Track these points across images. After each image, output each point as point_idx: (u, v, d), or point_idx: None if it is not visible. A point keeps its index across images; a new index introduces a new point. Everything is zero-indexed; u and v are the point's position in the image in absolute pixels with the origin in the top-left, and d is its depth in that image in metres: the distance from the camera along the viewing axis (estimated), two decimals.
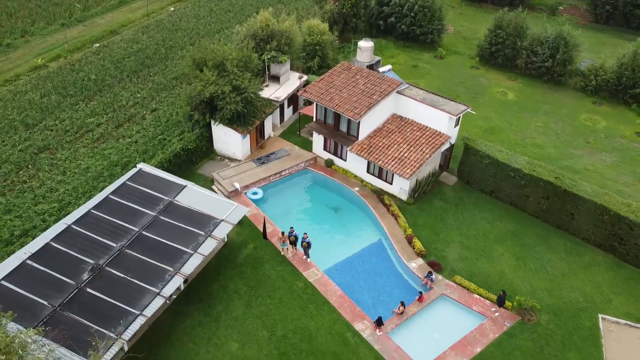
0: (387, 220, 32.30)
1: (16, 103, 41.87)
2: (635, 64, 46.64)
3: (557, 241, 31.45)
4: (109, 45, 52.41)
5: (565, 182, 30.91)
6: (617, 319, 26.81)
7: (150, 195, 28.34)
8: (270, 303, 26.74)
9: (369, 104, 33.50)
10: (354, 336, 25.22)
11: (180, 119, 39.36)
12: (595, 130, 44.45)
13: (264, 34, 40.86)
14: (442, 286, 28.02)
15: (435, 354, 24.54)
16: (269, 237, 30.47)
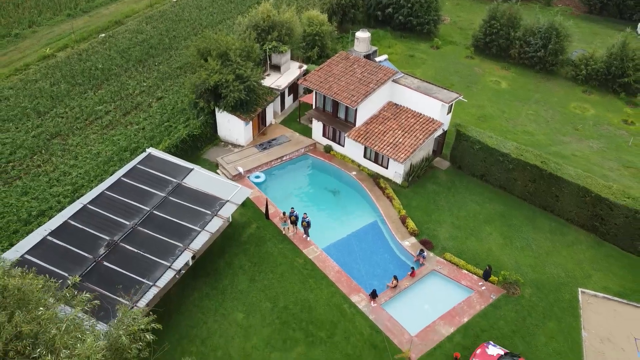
0: (383, 202, 34.19)
1: (27, 91, 43.56)
2: (623, 54, 48.18)
3: (543, 221, 33.36)
4: (114, 36, 53.95)
5: (551, 166, 32.75)
6: (596, 293, 28.79)
7: (159, 178, 30.19)
8: (272, 277, 28.70)
9: (366, 91, 35.23)
10: (350, 307, 27.21)
11: (185, 107, 41.08)
12: (584, 118, 46.15)
13: (265, 25, 42.40)
14: (433, 262, 29.98)
15: (425, 324, 26.53)
16: (271, 217, 32.37)
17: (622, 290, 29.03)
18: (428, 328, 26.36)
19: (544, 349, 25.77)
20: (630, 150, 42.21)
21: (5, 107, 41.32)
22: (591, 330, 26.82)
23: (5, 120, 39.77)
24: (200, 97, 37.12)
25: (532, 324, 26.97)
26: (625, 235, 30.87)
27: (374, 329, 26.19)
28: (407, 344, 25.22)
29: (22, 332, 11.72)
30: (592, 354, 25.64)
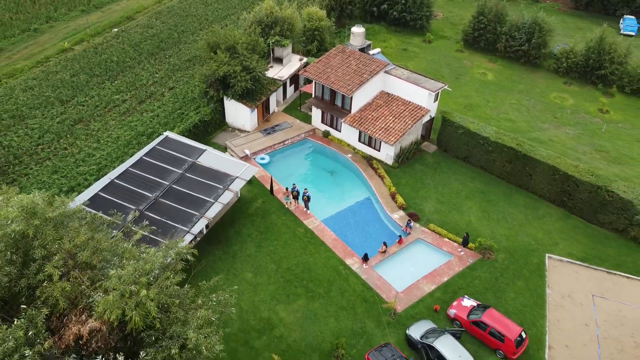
0: (375, 180, 38.09)
1: (49, 82, 47.33)
2: (600, 48, 51.87)
3: (518, 197, 37.29)
4: (127, 30, 57.67)
5: (525, 148, 36.62)
6: (561, 258, 32.75)
7: (176, 157, 34.06)
8: (276, 244, 32.65)
9: (360, 81, 39.05)
10: (345, 269, 31.17)
11: (196, 96, 44.90)
12: (563, 107, 49.94)
13: (269, 21, 46.12)
14: (418, 232, 33.92)
15: (410, 282, 30.49)
16: (275, 193, 36.28)
17: (584, 256, 32.99)
18: (412, 286, 30.33)
19: (512, 302, 29.76)
20: (603, 136, 46.02)
21: (31, 96, 45.10)
22: (554, 288, 30.80)
23: (32, 107, 43.56)
24: (210, 86, 40.93)
25: (503, 283, 30.95)
26: (590, 208, 34.79)
27: (365, 286, 30.16)
28: (394, 298, 29.19)
29: (102, 246, 15.56)
30: (554, 307, 29.62)
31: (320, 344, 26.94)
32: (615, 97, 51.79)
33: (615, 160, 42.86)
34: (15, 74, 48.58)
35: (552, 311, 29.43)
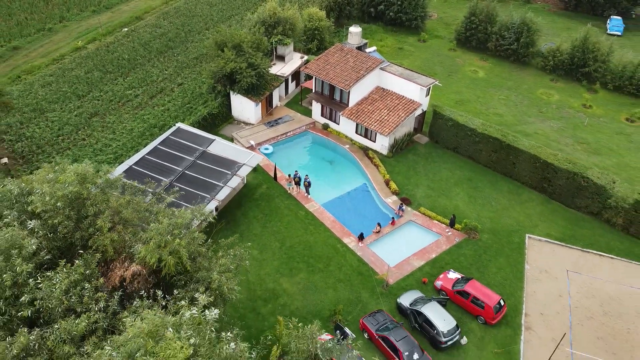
0: (371, 169, 41.18)
1: (66, 78, 50.40)
2: (585, 47, 54.95)
3: (502, 184, 40.38)
4: (136, 30, 60.73)
5: (509, 138, 39.71)
6: (540, 237, 35.84)
7: (188, 146, 37.14)
8: (280, 225, 35.74)
9: (357, 77, 42.13)
10: (343, 246, 34.27)
11: (203, 92, 48.01)
12: (549, 103, 53.00)
13: (272, 21, 49.17)
14: (410, 215, 37.01)
15: (401, 259, 33.58)
16: (279, 180, 39.36)
17: (561, 236, 36.08)
18: (403, 261, 33.43)
19: (494, 276, 32.86)
20: (585, 129, 49.11)
21: (49, 91, 48.17)
22: (533, 264, 33.90)
23: (51, 102, 46.63)
24: (218, 81, 44.01)
25: (486, 259, 34.05)
26: (567, 193, 37.90)
27: (361, 261, 33.26)
28: (386, 271, 32.27)
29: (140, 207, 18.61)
30: (532, 280, 32.72)
31: (320, 311, 30.01)
32: (599, 93, 54.85)
33: (595, 151, 45.95)
34: (33, 70, 51.61)
35: (529, 284, 32.52)
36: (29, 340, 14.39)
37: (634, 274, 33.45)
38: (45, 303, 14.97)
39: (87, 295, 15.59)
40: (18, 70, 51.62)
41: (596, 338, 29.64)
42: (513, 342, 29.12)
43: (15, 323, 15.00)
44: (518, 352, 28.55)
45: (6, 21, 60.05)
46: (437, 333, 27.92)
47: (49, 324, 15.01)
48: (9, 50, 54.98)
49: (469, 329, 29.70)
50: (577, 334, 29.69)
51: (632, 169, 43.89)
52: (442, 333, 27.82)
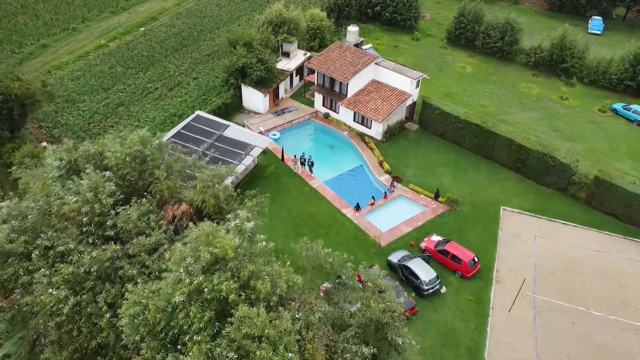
0: (367, 152, 46.56)
1: (92, 73, 55.82)
2: (563, 44, 60.29)
3: (483, 166, 45.70)
4: (153, 29, 66.11)
5: (488, 124, 45.08)
6: (513, 209, 41.19)
7: (206, 130, 42.55)
8: (287, 198, 41.12)
9: (355, 71, 47.53)
10: (341, 216, 39.65)
11: (216, 85, 53.42)
12: (530, 95, 58.34)
13: (278, 21, 54.57)
14: (400, 190, 42.40)
15: (392, 226, 38.95)
16: (285, 161, 44.74)
17: (532, 209, 41.42)
18: (394, 228, 38.82)
19: (472, 241, 38.19)
20: (561, 118, 54.45)
21: (78, 84, 53.59)
22: (505, 231, 39.28)
23: (80, 94, 52.06)
24: (230, 75, 49.43)
25: (465, 227, 39.43)
26: (538, 172, 43.25)
27: (357, 228, 38.66)
28: (379, 234, 37.67)
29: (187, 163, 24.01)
30: (504, 244, 38.08)
31: None
32: (576, 86, 60.19)
33: (568, 138, 51.33)
34: (62, 66, 57.02)
35: (502, 247, 37.91)
36: (115, 250, 19.74)
37: (592, 239, 38.84)
38: (124, 226, 20.27)
39: (153, 222, 20.96)
40: (48, 66, 57.02)
41: (556, 289, 35.02)
42: (484, 291, 34.53)
43: (102, 241, 20.30)
44: (488, 299, 33.95)
45: (33, 22, 65.40)
46: (421, 282, 33.32)
47: (125, 243, 20.34)
48: (38, 48, 60.36)
49: (448, 282, 35.10)
50: (540, 286, 35.08)
51: (599, 152, 49.28)
52: (424, 282, 33.22)
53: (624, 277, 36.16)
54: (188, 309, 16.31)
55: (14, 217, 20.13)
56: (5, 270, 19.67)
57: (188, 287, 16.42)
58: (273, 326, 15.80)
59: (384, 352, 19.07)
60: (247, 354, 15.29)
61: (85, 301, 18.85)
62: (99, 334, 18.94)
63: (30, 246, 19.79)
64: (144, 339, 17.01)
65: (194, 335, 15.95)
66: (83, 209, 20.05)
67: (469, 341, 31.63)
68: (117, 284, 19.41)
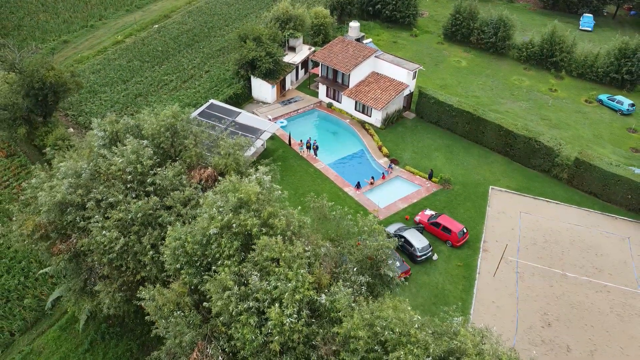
0: (367, 138, 50.43)
1: (111, 67, 59.88)
2: (552, 40, 64.04)
3: (474, 150, 49.50)
4: (166, 26, 70.17)
5: (479, 112, 48.88)
6: (501, 188, 44.99)
7: (220, 117, 46.50)
8: (294, 178, 45.02)
9: (356, 63, 51.42)
10: (343, 194, 43.51)
11: (227, 77, 57.39)
12: (520, 87, 62.10)
13: (285, 18, 58.48)
14: (397, 171, 46.24)
15: (389, 202, 42.80)
16: (292, 145, 48.65)
17: (518, 188, 45.20)
18: (391, 204, 42.66)
19: (462, 215, 42.00)
20: (549, 108, 58.18)
21: (99, 77, 57.66)
22: (493, 207, 43.08)
23: (102, 85, 56.13)
24: (241, 67, 53.39)
25: (456, 203, 43.26)
26: (524, 155, 47.01)
27: (358, 204, 42.51)
28: (377, 209, 41.53)
29: (212, 136, 28.00)
30: (491, 218, 41.88)
31: None
32: (564, 79, 63.96)
33: (555, 126, 55.10)
34: (83, 60, 61.11)
35: (489, 220, 41.71)
36: (156, 201, 23.63)
37: (572, 215, 42.59)
38: (162, 183, 24.12)
39: (185, 180, 24.83)
40: (70, 60, 61.12)
41: (537, 257, 38.81)
42: (472, 258, 38.34)
43: (143, 195, 24.18)
44: (475, 265, 37.77)
45: (54, 19, 69.56)
46: (414, 250, 37.17)
47: (162, 197, 24.23)
48: (60, 44, 64.47)
49: (439, 250, 38.94)
50: (522, 254, 38.88)
51: (583, 139, 53.03)
52: (417, 249, 37.07)
53: (600, 247, 39.91)
54: (220, 240, 20.22)
55: (70, 175, 24.04)
56: (64, 218, 23.64)
57: (220, 222, 20.31)
58: (288, 250, 19.67)
59: (378, 287, 22.89)
60: (267, 272, 19.18)
61: (132, 242, 22.80)
62: (143, 269, 22.92)
63: (84, 198, 23.68)
64: (183, 267, 20.93)
65: (225, 260, 19.84)
66: (127, 169, 23.96)
67: (458, 300, 35.40)
68: (157, 228, 23.35)
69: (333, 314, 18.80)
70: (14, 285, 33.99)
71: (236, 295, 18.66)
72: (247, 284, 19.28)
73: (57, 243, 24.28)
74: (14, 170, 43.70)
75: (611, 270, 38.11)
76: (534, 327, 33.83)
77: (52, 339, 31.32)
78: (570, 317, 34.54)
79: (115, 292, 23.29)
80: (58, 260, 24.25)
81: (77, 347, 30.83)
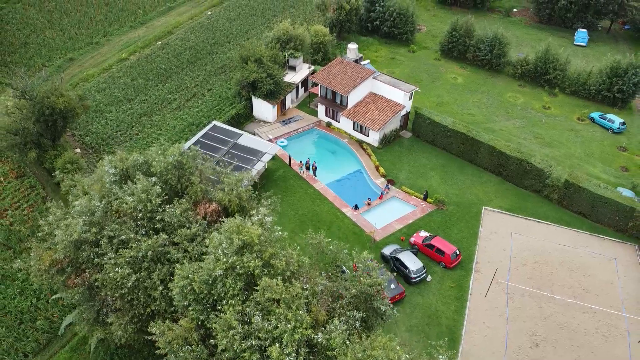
0: (364, 158, 52.06)
1: (116, 85, 61.51)
2: (546, 57, 65.65)
3: (468, 169, 51.13)
4: (169, 43, 71.75)
5: (473, 133, 50.50)
6: (493, 209, 46.62)
7: (223, 139, 48.14)
8: (294, 199, 46.66)
9: (354, 84, 53.05)
10: (341, 214, 45.14)
11: (229, 96, 59.04)
12: (515, 104, 63.73)
13: (285, 38, 60.13)
14: (394, 192, 47.88)
15: (386, 223, 44.43)
16: (292, 166, 50.29)
17: (510, 208, 46.84)
18: (387, 225, 44.30)
19: (455, 236, 43.65)
20: (543, 126, 59.82)
21: (104, 95, 59.29)
22: (486, 227, 44.70)
23: (107, 104, 57.77)
24: (243, 88, 55.05)
25: (450, 224, 44.90)
26: (517, 176, 48.64)
27: (355, 225, 44.16)
28: (374, 230, 43.17)
29: (215, 170, 29.54)
30: (483, 239, 43.52)
31: None
32: (558, 96, 65.57)
33: (547, 144, 56.72)
34: (88, 78, 62.74)
35: (482, 241, 43.35)
36: (164, 238, 25.31)
37: (561, 235, 44.22)
38: (170, 220, 25.82)
39: (191, 217, 26.51)
40: (76, 78, 62.75)
41: (527, 278, 40.44)
42: (465, 279, 39.99)
43: (153, 232, 25.87)
44: (468, 286, 39.41)
45: (60, 36, 71.16)
46: (409, 272, 38.80)
47: (170, 233, 25.93)
48: (66, 62, 66.10)
49: (433, 271, 40.56)
50: (513, 275, 40.52)
51: (575, 158, 54.67)
52: (412, 271, 38.71)
53: (588, 268, 41.55)
54: (225, 281, 21.87)
55: (84, 213, 25.70)
56: (80, 254, 25.31)
57: (225, 264, 21.96)
58: (288, 292, 21.30)
59: (372, 319, 24.53)
60: (268, 312, 20.82)
61: (143, 277, 24.44)
62: (153, 303, 24.57)
63: (98, 235, 25.36)
64: (191, 304, 22.57)
65: (229, 300, 21.50)
66: (138, 207, 25.61)
67: (450, 321, 37.09)
68: (166, 264, 25.00)
69: (329, 352, 20.49)
70: (27, 307, 35.69)
71: (240, 334, 20.34)
72: (250, 323, 20.95)
73: (72, 277, 26.01)
74: (23, 191, 45.37)
75: (598, 291, 39.72)
76: (522, 347, 35.47)
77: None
78: (557, 337, 36.16)
79: (126, 324, 24.97)
80: (73, 293, 25.99)
81: None
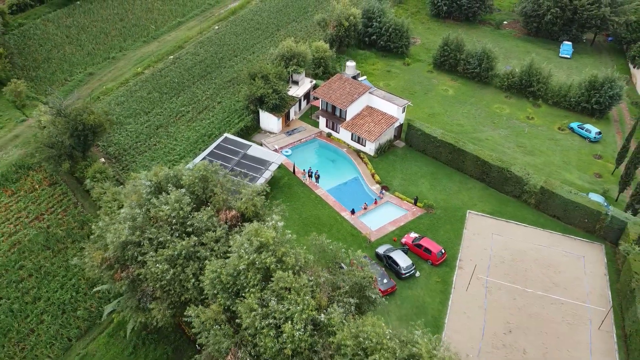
0: (361, 166, 57.48)
1: (133, 98, 66.92)
2: (530, 71, 71.02)
3: (455, 177, 56.50)
4: (180, 57, 77.12)
5: (459, 144, 55.89)
6: (477, 212, 51.99)
7: (234, 150, 53.58)
8: (298, 204, 52.07)
9: (352, 99, 58.47)
10: (340, 218, 50.53)
11: (237, 108, 64.48)
12: (501, 115, 69.06)
13: (289, 55, 65.56)
14: (388, 197, 53.28)
15: (380, 225, 49.81)
16: (296, 173, 55.70)
17: (492, 212, 52.20)
18: (381, 227, 49.69)
19: (442, 237, 49.02)
20: (525, 136, 65.14)
21: (123, 108, 64.71)
22: (469, 229, 50.08)
23: (127, 116, 63.20)
24: (250, 102, 60.51)
25: (437, 226, 50.29)
26: (499, 182, 54.02)
27: (353, 227, 49.56)
28: (369, 232, 48.59)
29: (235, 182, 35.04)
30: (467, 240, 48.90)
31: None
32: (542, 107, 70.92)
33: (529, 152, 62.09)
34: (108, 92, 68.13)
35: (465, 241, 48.74)
36: (195, 240, 30.77)
37: (537, 236, 49.58)
38: (199, 225, 31.23)
39: (215, 222, 31.95)
40: (96, 92, 68.14)
41: (504, 274, 45.84)
42: (449, 275, 45.38)
43: (184, 234, 31.31)
44: (451, 281, 44.80)
45: (79, 51, 76.59)
46: (399, 268, 44.20)
47: (199, 236, 31.37)
48: (86, 76, 71.55)
49: (421, 268, 45.95)
50: (492, 271, 45.90)
51: (554, 165, 60.04)
52: (402, 268, 44.10)
53: (559, 265, 46.92)
54: (246, 274, 27.27)
55: (128, 219, 31.12)
56: (126, 253, 30.73)
57: (246, 260, 27.37)
58: (297, 282, 26.68)
59: (365, 306, 29.89)
60: (282, 298, 26.21)
61: (178, 272, 29.83)
62: (186, 292, 29.96)
63: (140, 237, 30.76)
64: (219, 293, 27.97)
65: (250, 288, 26.90)
66: (172, 214, 31.04)
67: (435, 311, 42.48)
68: (197, 261, 30.43)
69: (329, 328, 25.84)
70: (67, 299, 41.13)
71: (260, 315, 25.71)
72: (267, 306, 26.33)
73: (119, 272, 31.38)
74: (57, 197, 50.80)
75: (566, 285, 45.11)
76: (497, 333, 40.87)
77: (102, 344, 38.43)
78: (528, 325, 41.55)
79: (165, 310, 30.35)
80: (120, 285, 31.42)
81: (123, 350, 37.96)
